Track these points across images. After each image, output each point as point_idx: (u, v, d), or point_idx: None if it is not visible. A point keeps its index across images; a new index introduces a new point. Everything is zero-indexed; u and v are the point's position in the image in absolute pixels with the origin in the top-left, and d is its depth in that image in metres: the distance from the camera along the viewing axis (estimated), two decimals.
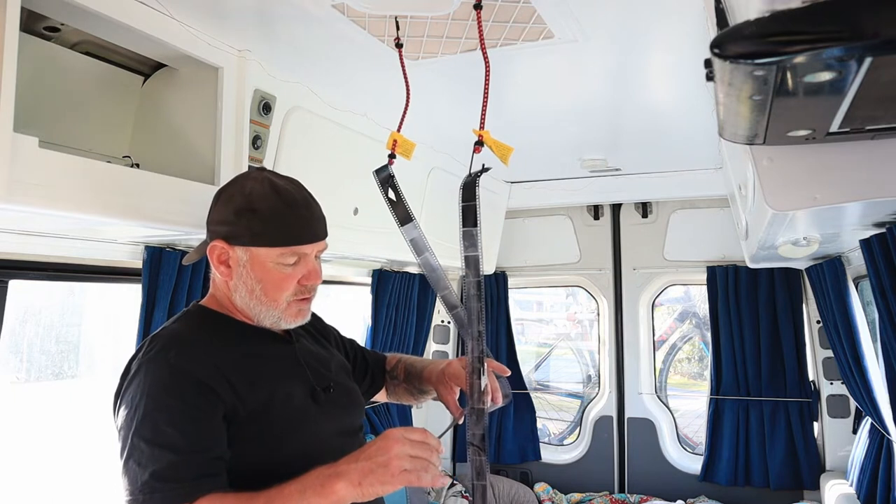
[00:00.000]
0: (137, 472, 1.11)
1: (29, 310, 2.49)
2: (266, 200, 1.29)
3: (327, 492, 1.09)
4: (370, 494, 1.11)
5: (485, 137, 1.42)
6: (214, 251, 1.32)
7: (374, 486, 1.10)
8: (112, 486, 2.24)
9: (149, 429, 1.13)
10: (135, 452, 1.12)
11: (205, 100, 1.85)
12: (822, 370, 3.58)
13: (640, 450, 4.05)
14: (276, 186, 1.31)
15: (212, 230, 1.34)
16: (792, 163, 1.33)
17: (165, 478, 1.10)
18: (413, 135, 1.73)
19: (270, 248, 1.29)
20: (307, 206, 1.35)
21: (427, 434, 1.18)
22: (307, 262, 1.34)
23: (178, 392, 1.17)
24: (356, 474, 1.10)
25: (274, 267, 1.30)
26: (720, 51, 0.64)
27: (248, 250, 1.30)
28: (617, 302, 4.18)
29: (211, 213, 1.36)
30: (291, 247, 1.30)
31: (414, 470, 1.12)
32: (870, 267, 2.01)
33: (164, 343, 1.24)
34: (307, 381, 1.37)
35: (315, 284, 1.37)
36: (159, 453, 1.11)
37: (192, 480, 1.11)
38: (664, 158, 3.38)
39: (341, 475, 1.10)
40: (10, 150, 1.26)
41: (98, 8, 1.46)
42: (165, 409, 1.15)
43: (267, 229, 1.28)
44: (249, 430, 1.22)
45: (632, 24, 1.70)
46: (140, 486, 1.10)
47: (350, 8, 1.61)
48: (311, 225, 1.34)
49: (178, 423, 1.15)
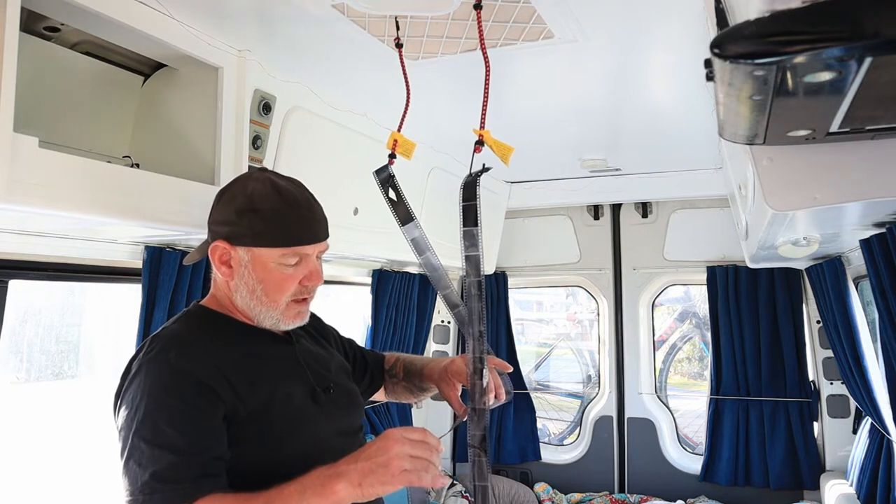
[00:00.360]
0: (138, 472, 1.11)
1: (29, 310, 2.49)
2: (268, 200, 1.29)
3: (327, 492, 1.09)
4: (370, 495, 1.10)
5: (485, 137, 1.42)
6: (216, 251, 1.32)
7: (375, 487, 1.09)
8: (111, 486, 2.24)
9: (149, 429, 1.13)
10: (135, 453, 1.12)
11: (205, 100, 1.85)
12: (822, 370, 3.58)
13: (640, 450, 4.05)
14: (277, 187, 1.31)
15: (213, 230, 1.34)
16: (792, 163, 1.33)
17: (165, 478, 1.10)
18: (413, 135, 1.73)
19: (272, 249, 1.29)
20: (309, 206, 1.35)
21: (427, 433, 1.17)
22: (308, 262, 1.34)
23: (179, 392, 1.17)
24: (356, 475, 1.10)
25: (275, 267, 1.30)
26: (720, 51, 0.64)
27: (250, 251, 1.30)
28: (617, 302, 4.18)
29: (212, 213, 1.36)
30: (293, 247, 1.30)
31: (414, 470, 1.11)
32: (870, 267, 2.01)
33: (165, 343, 1.24)
34: (307, 382, 1.38)
35: (316, 285, 1.37)
36: (159, 454, 1.11)
37: (192, 481, 1.11)
38: (664, 158, 3.38)
39: (341, 476, 1.10)
40: (10, 150, 1.26)
41: (98, 8, 1.46)
42: (166, 409, 1.15)
43: (269, 229, 1.28)
44: (249, 430, 1.22)
45: (632, 24, 1.70)
46: (140, 487, 1.10)
47: (350, 8, 1.61)
48: (313, 225, 1.34)
49: (179, 423, 1.15)
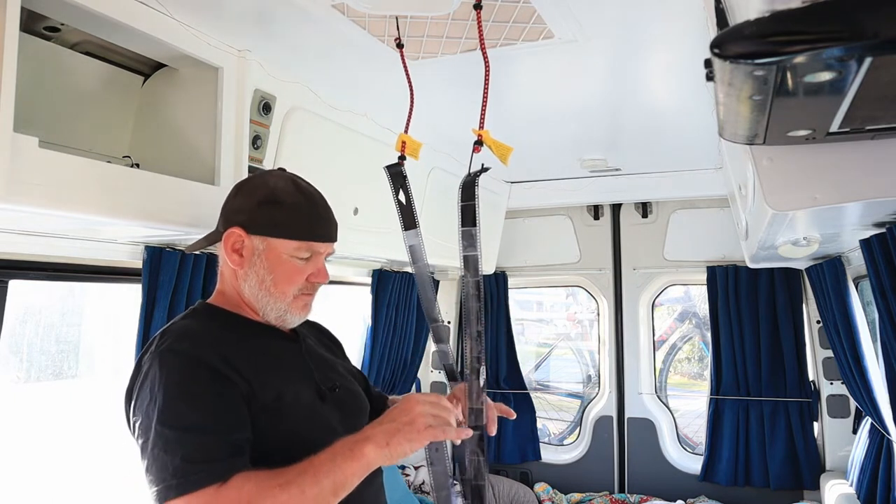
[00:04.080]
0: (166, 459, 1.08)
1: (29, 310, 2.49)
2: (291, 195, 1.35)
3: (357, 455, 1.12)
4: (398, 454, 1.14)
5: (484, 137, 1.42)
6: (230, 238, 1.35)
7: (402, 445, 1.14)
8: (110, 486, 2.24)
9: (172, 415, 1.11)
10: (160, 441, 1.10)
11: (205, 100, 1.85)
12: (822, 370, 3.58)
13: (640, 450, 4.05)
14: (299, 185, 1.39)
15: (229, 218, 1.37)
16: (792, 163, 1.33)
17: (197, 459, 1.08)
18: (413, 135, 1.72)
19: (289, 241, 1.34)
20: (326, 207, 1.42)
21: (441, 397, 1.25)
22: (318, 260, 1.39)
23: (196, 378, 1.16)
24: (383, 436, 1.14)
25: (288, 259, 1.34)
26: (720, 51, 0.64)
27: (266, 240, 1.34)
28: (617, 302, 4.18)
29: (228, 202, 1.40)
30: (309, 242, 1.35)
31: (438, 426, 1.17)
32: (870, 267, 2.01)
33: (176, 336, 1.24)
34: (313, 380, 1.38)
35: (321, 284, 1.41)
36: (187, 437, 1.10)
37: (224, 460, 1.10)
38: (664, 158, 3.38)
39: (369, 439, 1.14)
40: (10, 150, 1.26)
41: (98, 8, 1.46)
42: (186, 394, 1.14)
43: (290, 221, 1.34)
44: (260, 424, 1.22)
45: (632, 24, 1.70)
46: (172, 472, 1.07)
47: (350, 8, 1.61)
48: (329, 225, 1.41)
49: (202, 405, 1.14)
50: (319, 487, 1.08)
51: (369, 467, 1.14)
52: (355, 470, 1.12)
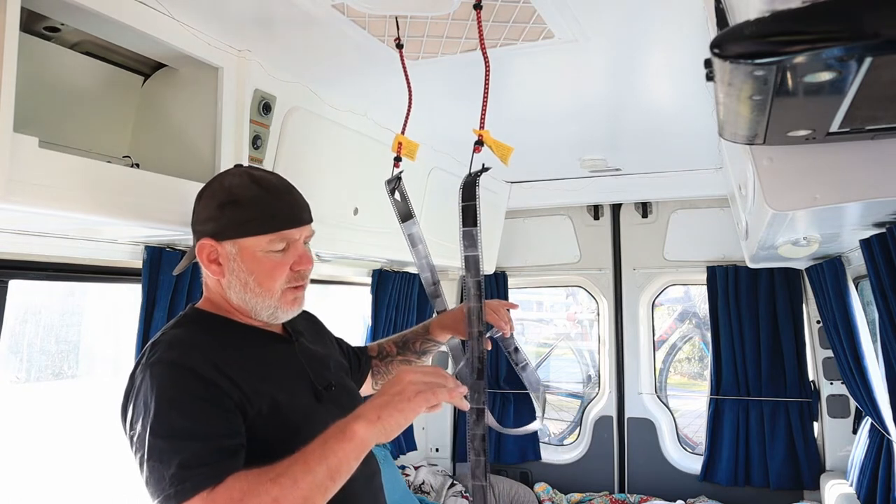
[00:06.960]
0: (161, 468, 1.09)
1: (29, 310, 2.49)
2: (247, 190, 1.31)
3: (348, 436, 1.10)
4: (391, 427, 1.13)
5: (485, 137, 1.42)
6: (203, 250, 1.32)
7: (393, 416, 1.12)
8: (110, 486, 2.24)
9: (165, 426, 1.12)
10: (154, 452, 1.11)
11: (205, 100, 1.84)
12: (822, 370, 3.58)
13: (640, 450, 4.05)
14: (254, 177, 1.33)
15: (198, 230, 1.34)
16: (792, 163, 1.33)
17: (192, 465, 1.09)
18: (413, 135, 1.73)
19: (258, 237, 1.30)
20: (288, 191, 1.37)
21: (437, 368, 1.22)
22: (296, 247, 1.35)
23: (187, 387, 1.16)
24: (373, 411, 1.13)
25: (264, 255, 1.31)
26: (720, 51, 0.64)
27: (237, 243, 1.30)
28: (617, 302, 4.18)
29: (194, 214, 1.37)
30: (278, 232, 1.31)
31: (429, 389, 1.15)
32: (870, 267, 2.01)
33: (166, 346, 1.23)
34: (309, 381, 1.38)
35: (307, 270, 1.37)
36: (180, 444, 1.10)
37: (218, 462, 1.10)
38: (664, 158, 3.38)
39: (359, 417, 1.12)
40: (10, 150, 1.26)
41: (98, 8, 1.46)
42: (177, 404, 1.15)
43: (252, 217, 1.29)
44: (255, 429, 1.22)
45: (632, 24, 1.70)
46: (168, 480, 1.08)
47: (350, 8, 1.61)
48: (295, 209, 1.35)
49: (193, 414, 1.14)
50: (313, 475, 1.07)
51: (364, 446, 1.12)
52: (348, 451, 1.10)
